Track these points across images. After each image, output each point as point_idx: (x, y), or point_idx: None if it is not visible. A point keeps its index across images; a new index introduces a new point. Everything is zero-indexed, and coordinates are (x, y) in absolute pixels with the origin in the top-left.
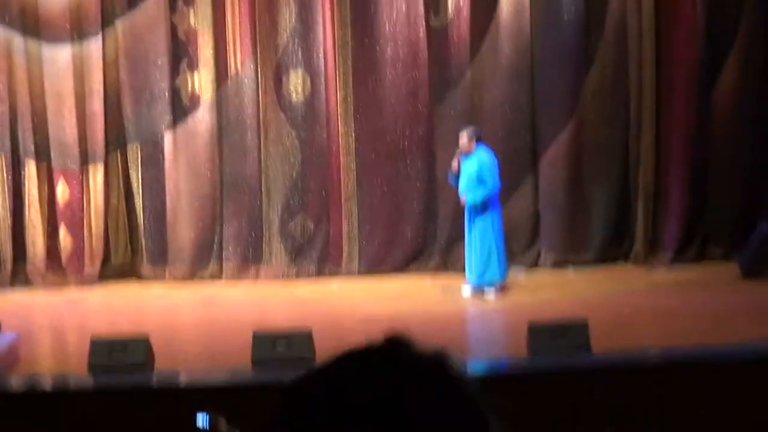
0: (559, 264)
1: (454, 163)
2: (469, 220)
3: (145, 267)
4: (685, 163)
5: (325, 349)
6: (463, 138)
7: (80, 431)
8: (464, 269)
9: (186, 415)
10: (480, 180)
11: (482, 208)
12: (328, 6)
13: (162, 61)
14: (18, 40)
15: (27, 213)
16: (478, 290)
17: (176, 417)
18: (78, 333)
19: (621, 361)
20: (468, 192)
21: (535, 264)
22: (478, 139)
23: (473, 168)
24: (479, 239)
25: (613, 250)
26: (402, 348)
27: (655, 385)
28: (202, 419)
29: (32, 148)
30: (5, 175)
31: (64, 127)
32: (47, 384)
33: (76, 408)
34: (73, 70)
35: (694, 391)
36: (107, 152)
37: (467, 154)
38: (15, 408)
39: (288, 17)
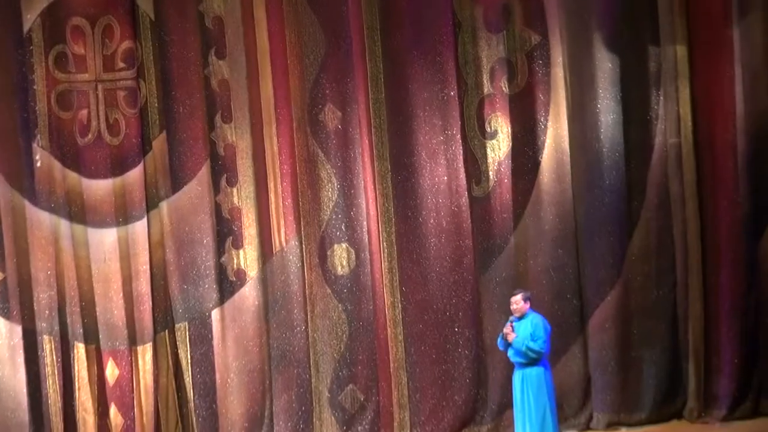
0: (613, 425)
1: (507, 329)
2: (522, 384)
3: None
4: (735, 318)
5: None
6: (517, 300)
7: None
8: None
9: None
10: (535, 339)
11: (535, 371)
12: (370, 180)
13: (207, 240)
14: (64, 226)
15: (77, 394)
16: None
17: None
18: None
19: None
20: (519, 357)
21: (587, 426)
22: (529, 302)
23: (526, 329)
24: (534, 402)
25: (667, 408)
26: None
27: None
28: None
29: (81, 330)
30: (55, 357)
31: (111, 309)
32: None
33: None
34: (119, 252)
35: None
36: (155, 332)
37: (520, 317)
38: None
39: (330, 192)
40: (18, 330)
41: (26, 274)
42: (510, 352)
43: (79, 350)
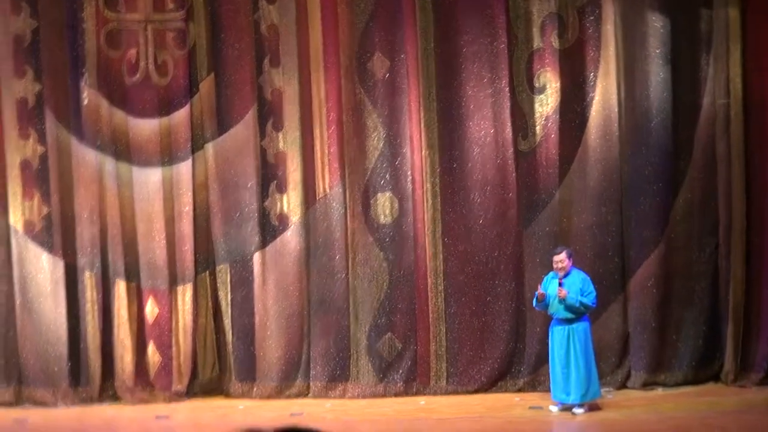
0: (649, 384)
1: (540, 291)
2: (568, 339)
3: (233, 384)
4: None
5: None
6: (562, 258)
7: None
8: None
9: None
10: (586, 294)
11: (582, 326)
12: (416, 130)
13: (251, 183)
14: (109, 164)
15: (116, 331)
16: (567, 408)
17: None
18: None
19: None
20: (568, 313)
21: (624, 384)
22: (572, 258)
23: (576, 285)
24: (582, 356)
25: (704, 370)
26: None
27: None
28: None
29: (122, 268)
30: (95, 294)
31: (153, 248)
32: None
33: None
34: (162, 193)
35: None
36: (196, 272)
37: (564, 273)
38: None
39: (376, 141)
40: (60, 265)
41: (70, 210)
42: (557, 309)
43: (120, 288)
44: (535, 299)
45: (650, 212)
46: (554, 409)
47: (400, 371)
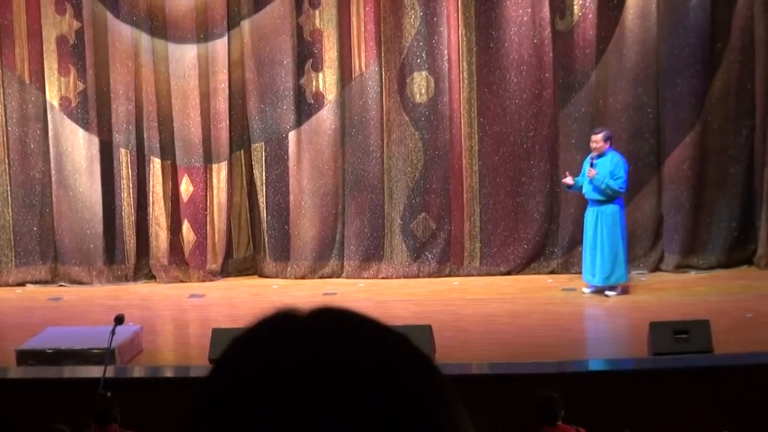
0: (682, 266)
1: (568, 180)
2: (596, 221)
3: (267, 263)
4: None
5: (444, 345)
6: (597, 139)
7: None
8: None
9: None
10: (615, 177)
11: (610, 209)
12: (453, 9)
13: (287, 61)
14: (145, 40)
15: (151, 209)
16: (600, 291)
17: None
18: (199, 326)
19: (743, 363)
20: (596, 193)
21: (657, 267)
22: (611, 141)
23: (606, 167)
24: (607, 239)
25: (737, 253)
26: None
27: None
28: None
29: (157, 145)
30: (130, 171)
31: (188, 126)
32: (168, 373)
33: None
34: (198, 69)
35: None
36: (231, 150)
37: (599, 155)
38: (138, 395)
39: (413, 20)
40: (96, 141)
41: (105, 86)
42: (587, 189)
43: (155, 165)
44: (564, 182)
45: (686, 94)
46: (586, 291)
47: (434, 251)
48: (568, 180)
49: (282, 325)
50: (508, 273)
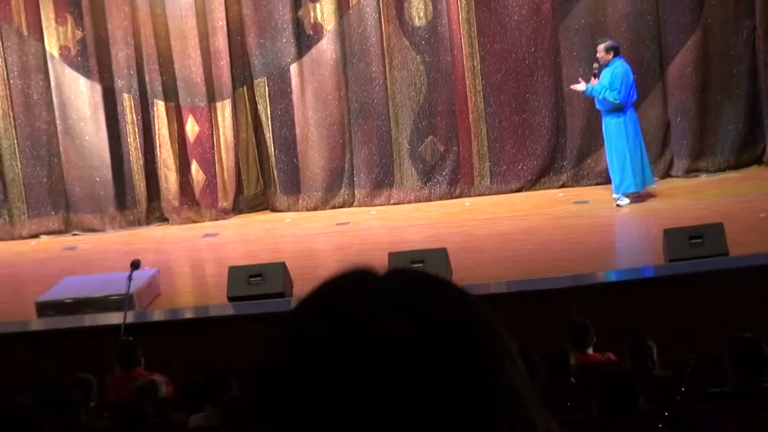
0: (692, 171)
1: (579, 86)
2: (606, 132)
3: (278, 197)
4: None
5: (460, 267)
6: (600, 49)
7: (222, 357)
8: (607, 179)
9: None
10: (612, 89)
11: (614, 120)
12: None
13: None
14: None
15: (158, 152)
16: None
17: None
18: (215, 265)
19: (759, 263)
20: (599, 103)
21: (667, 173)
22: (616, 51)
23: (606, 78)
24: (615, 149)
25: (745, 153)
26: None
27: None
28: None
29: (160, 88)
30: (135, 116)
31: (189, 66)
32: (188, 314)
33: (217, 336)
34: (195, 9)
35: None
36: (234, 88)
37: (604, 65)
38: (159, 339)
39: None
40: (98, 88)
41: (104, 32)
42: (595, 99)
43: (159, 107)
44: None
45: None
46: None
47: (444, 173)
48: (579, 86)
49: (361, 280)
50: (519, 190)
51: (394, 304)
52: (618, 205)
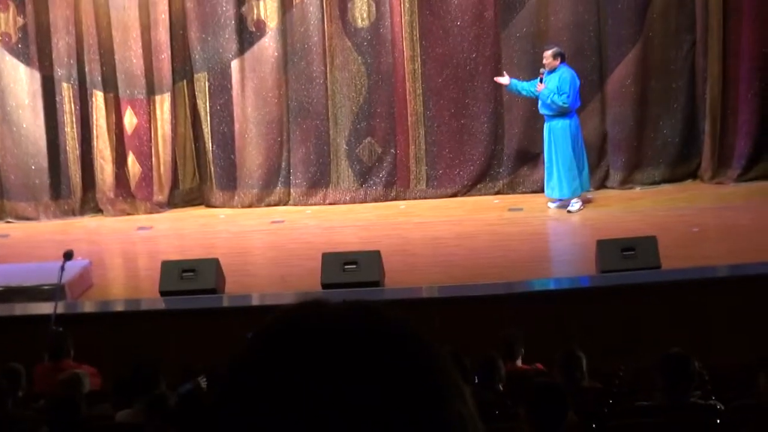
0: (627, 182)
1: (503, 79)
2: (549, 136)
3: (214, 193)
4: (753, 80)
5: (393, 270)
6: (547, 56)
7: (152, 351)
8: (542, 188)
9: None
10: (561, 93)
11: (560, 123)
12: None
13: None
14: None
15: (95, 142)
16: (564, 204)
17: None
18: (148, 258)
19: (690, 277)
20: (545, 108)
21: (603, 184)
22: (562, 57)
23: (554, 82)
24: (561, 153)
25: (681, 168)
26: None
27: (724, 299)
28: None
29: (99, 79)
30: (73, 105)
31: (130, 57)
32: (120, 307)
33: (148, 330)
34: (138, 0)
35: (763, 305)
36: (174, 81)
37: (550, 71)
38: (89, 331)
39: None
40: (37, 76)
41: (45, 20)
42: (539, 104)
43: (98, 98)
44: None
45: (627, 10)
46: (552, 205)
47: (381, 175)
48: (503, 79)
49: (314, 315)
50: (455, 195)
51: (347, 344)
52: (568, 211)
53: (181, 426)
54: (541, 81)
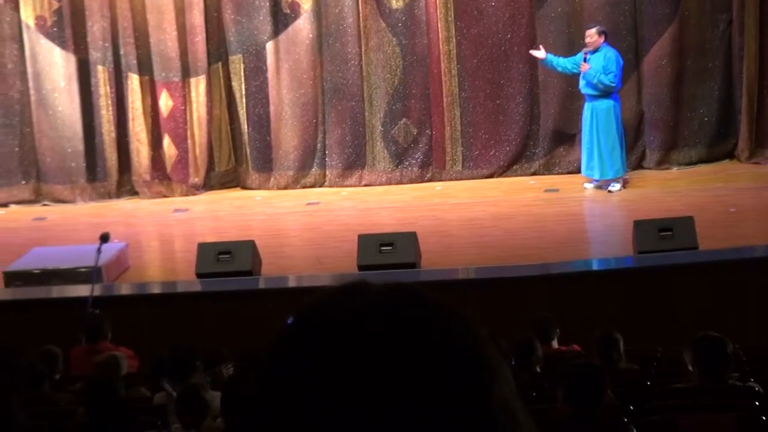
0: (664, 163)
1: (538, 52)
2: (591, 117)
3: (250, 175)
4: None
5: (430, 251)
6: (591, 33)
7: (188, 333)
8: (578, 168)
9: None
10: (607, 72)
11: (605, 104)
12: None
13: None
14: None
15: (131, 125)
16: (601, 185)
17: (283, 320)
18: (185, 240)
19: (728, 258)
20: (589, 87)
21: (639, 164)
22: (606, 36)
23: (599, 62)
24: (604, 134)
25: (718, 147)
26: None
27: (762, 280)
28: None
29: (134, 61)
30: (108, 88)
31: (165, 40)
32: (156, 289)
33: (184, 312)
34: None
35: None
36: (209, 64)
37: (594, 50)
38: (126, 313)
39: None
40: (73, 59)
41: (80, 3)
42: (582, 84)
43: (133, 81)
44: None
45: None
46: (588, 186)
47: (416, 156)
48: (539, 53)
49: (357, 296)
50: (491, 176)
51: (391, 328)
52: (609, 191)
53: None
54: (585, 60)
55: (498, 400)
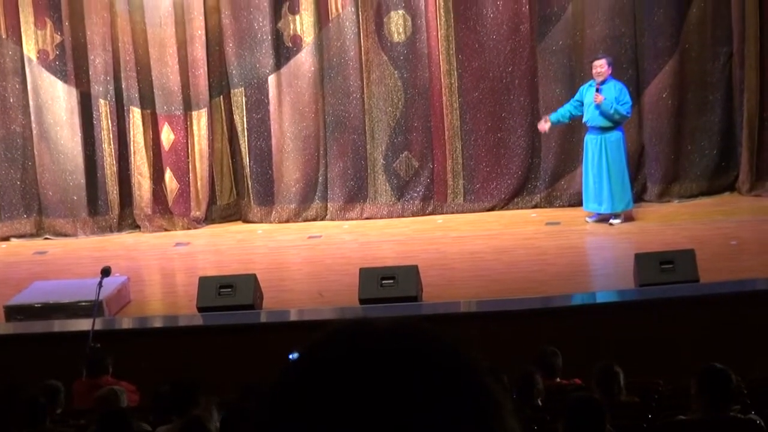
0: (665, 195)
1: (544, 125)
2: (601, 148)
3: (251, 208)
4: None
5: (431, 284)
6: (601, 64)
7: (190, 367)
8: (580, 201)
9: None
10: (623, 102)
11: (614, 135)
12: None
13: (264, 4)
14: None
15: (133, 159)
16: (603, 219)
17: (285, 354)
18: (186, 274)
19: (729, 291)
20: (600, 119)
21: (640, 197)
22: (612, 67)
23: (612, 92)
24: (614, 165)
25: (719, 180)
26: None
27: (763, 313)
28: None
29: (136, 95)
30: (110, 122)
31: (167, 74)
32: (158, 323)
33: (185, 346)
34: (174, 17)
35: None
36: (211, 97)
37: (602, 81)
38: (127, 347)
39: None
40: (75, 93)
41: (82, 37)
42: (592, 115)
43: (135, 115)
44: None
45: (664, 22)
46: (590, 219)
47: (418, 190)
48: (544, 125)
49: (359, 337)
50: (492, 209)
51: (396, 365)
52: (611, 224)
53: None
54: (598, 91)
55: None
